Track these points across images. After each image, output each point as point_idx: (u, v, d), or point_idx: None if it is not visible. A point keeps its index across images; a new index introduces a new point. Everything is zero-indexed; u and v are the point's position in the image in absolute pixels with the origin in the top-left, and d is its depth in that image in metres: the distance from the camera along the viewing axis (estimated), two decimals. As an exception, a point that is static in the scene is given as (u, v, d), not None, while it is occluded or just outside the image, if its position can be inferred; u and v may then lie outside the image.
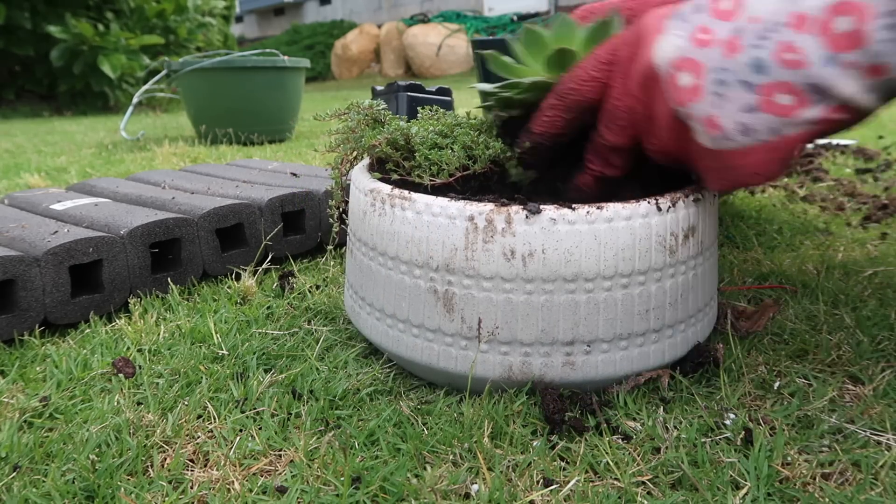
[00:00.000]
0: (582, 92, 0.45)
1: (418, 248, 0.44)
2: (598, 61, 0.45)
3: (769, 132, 0.39)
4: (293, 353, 0.55)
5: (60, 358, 0.55)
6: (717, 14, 0.40)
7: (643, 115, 0.43)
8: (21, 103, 4.41)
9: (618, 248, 0.42)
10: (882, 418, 0.43)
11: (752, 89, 0.38)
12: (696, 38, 0.40)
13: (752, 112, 0.39)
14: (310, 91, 6.11)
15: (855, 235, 0.84)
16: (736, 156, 0.40)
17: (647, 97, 0.42)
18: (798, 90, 0.38)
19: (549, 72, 0.48)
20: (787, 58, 0.37)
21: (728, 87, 0.39)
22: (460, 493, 0.37)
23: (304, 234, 0.81)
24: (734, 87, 0.39)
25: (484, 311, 0.43)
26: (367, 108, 0.54)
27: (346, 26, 9.23)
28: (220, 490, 0.38)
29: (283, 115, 2.24)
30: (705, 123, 0.40)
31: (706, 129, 0.40)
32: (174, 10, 4.63)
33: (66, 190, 0.94)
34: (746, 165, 0.41)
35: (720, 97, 0.39)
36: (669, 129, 0.42)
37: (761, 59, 0.38)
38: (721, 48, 0.39)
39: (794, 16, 0.37)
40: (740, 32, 0.39)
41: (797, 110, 0.38)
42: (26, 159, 1.91)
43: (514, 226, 0.42)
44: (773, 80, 0.38)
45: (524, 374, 0.44)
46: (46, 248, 0.61)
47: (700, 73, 0.39)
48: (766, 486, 0.37)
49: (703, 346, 0.48)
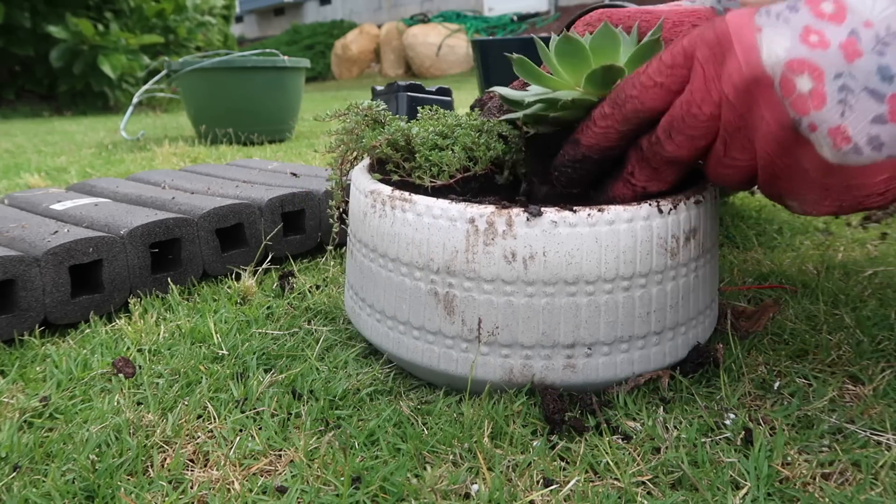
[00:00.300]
0: (644, 100, 0.41)
1: (419, 250, 0.44)
2: (665, 65, 0.40)
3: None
4: (293, 353, 0.55)
5: (60, 358, 0.55)
6: (822, 16, 0.36)
7: (733, 123, 0.39)
8: (21, 103, 4.41)
9: (619, 251, 0.42)
10: (882, 418, 0.43)
11: (881, 99, 0.34)
12: (807, 40, 0.35)
13: (883, 124, 0.35)
14: (310, 91, 6.11)
15: (855, 235, 0.84)
16: (861, 173, 0.36)
17: (746, 103, 0.38)
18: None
19: (589, 87, 0.44)
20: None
21: (854, 95, 0.35)
22: (460, 493, 0.37)
23: (304, 234, 0.81)
24: (861, 95, 0.35)
25: (485, 313, 0.43)
26: (367, 109, 0.54)
27: (346, 26, 9.23)
28: (220, 490, 0.38)
29: (283, 115, 2.24)
30: (832, 135, 0.35)
31: (833, 142, 0.36)
32: (174, 9, 4.63)
33: (66, 190, 0.94)
34: (871, 184, 0.36)
35: (847, 106, 0.35)
36: (774, 141, 0.38)
37: (889, 66, 0.34)
38: (841, 51, 0.35)
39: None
40: (857, 36, 0.35)
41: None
42: (26, 159, 1.91)
43: (515, 228, 0.42)
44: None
45: (525, 376, 0.44)
46: (46, 248, 0.61)
47: (821, 78, 0.35)
48: (766, 486, 0.37)
49: (702, 347, 0.48)
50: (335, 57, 8.37)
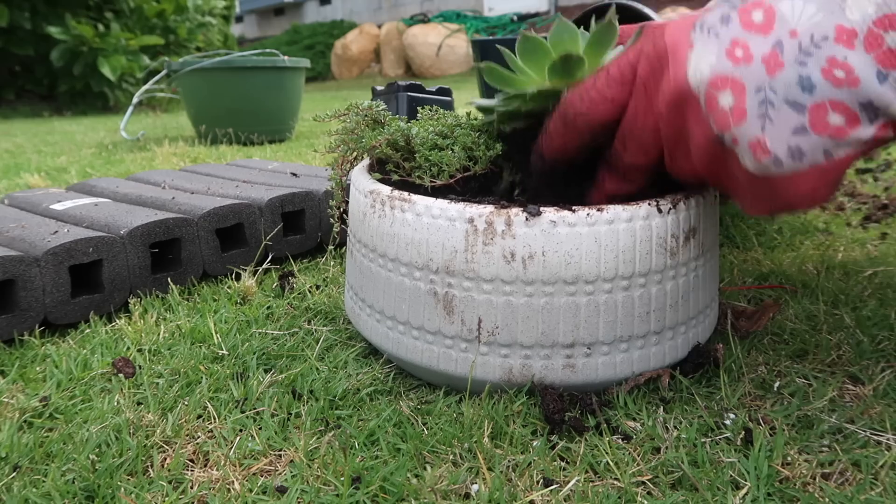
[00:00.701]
0: (593, 116, 0.42)
1: (418, 250, 0.44)
2: (613, 79, 0.41)
3: (821, 154, 0.36)
4: (293, 353, 0.55)
5: (60, 358, 0.55)
6: (751, 27, 0.37)
7: (672, 136, 0.41)
8: (21, 103, 4.41)
9: (618, 251, 0.42)
10: (882, 418, 0.43)
11: (801, 110, 0.36)
12: (732, 55, 0.37)
13: (803, 134, 0.36)
14: (310, 91, 6.11)
15: (855, 235, 0.84)
16: (785, 181, 0.38)
17: (678, 118, 0.40)
18: (849, 109, 0.35)
19: (553, 79, 0.45)
20: (837, 75, 0.35)
21: (775, 108, 0.36)
22: (460, 493, 0.37)
23: (304, 234, 0.81)
24: (782, 107, 0.36)
25: (484, 313, 0.43)
26: (367, 109, 0.54)
27: (346, 26, 9.23)
28: (220, 490, 0.38)
29: (283, 115, 2.24)
30: (752, 148, 0.37)
31: (753, 154, 0.37)
32: (174, 10, 4.63)
33: (66, 190, 0.94)
34: (795, 190, 0.38)
35: (767, 119, 0.36)
36: (705, 153, 0.40)
37: (809, 76, 0.35)
38: (763, 65, 0.36)
39: (842, 30, 0.34)
40: (780, 48, 0.36)
41: (849, 130, 0.36)
42: (26, 159, 1.91)
43: (514, 228, 0.41)
44: (824, 98, 0.35)
45: (524, 376, 0.44)
46: (46, 248, 0.61)
47: (742, 93, 0.37)
48: (766, 486, 0.37)
49: (702, 347, 0.48)
50: (335, 57, 8.37)
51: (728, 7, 0.38)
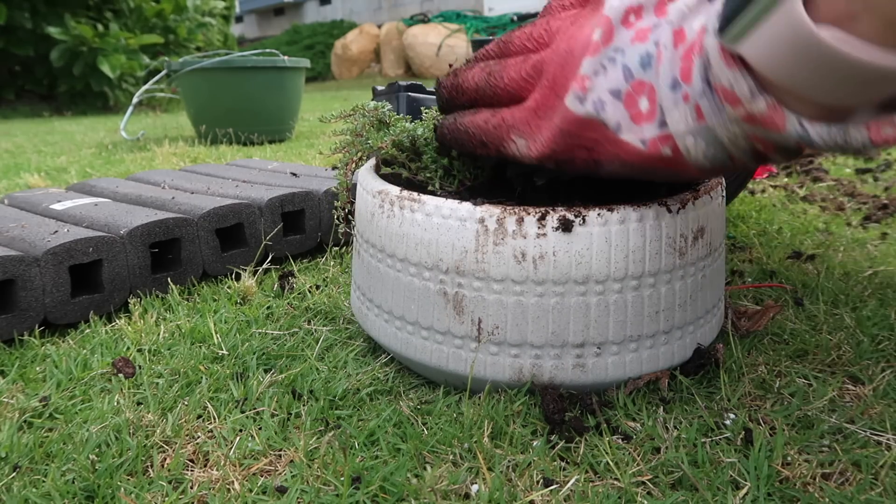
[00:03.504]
0: None
1: (428, 251, 0.44)
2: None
3: (614, 122, 0.37)
4: (293, 353, 0.55)
5: (60, 358, 0.55)
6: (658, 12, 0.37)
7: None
8: (21, 103, 4.41)
9: (629, 250, 0.42)
10: (882, 418, 0.43)
11: (629, 79, 0.36)
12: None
13: (616, 97, 0.37)
14: (310, 91, 6.11)
15: (855, 235, 0.84)
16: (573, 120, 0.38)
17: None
18: (655, 101, 0.36)
19: None
20: (659, 62, 0.35)
21: (614, 65, 0.36)
22: (460, 493, 0.37)
23: (303, 234, 0.81)
24: (617, 68, 0.36)
25: (494, 313, 0.43)
26: (373, 110, 0.54)
27: (346, 26, 9.23)
28: (220, 490, 0.38)
29: (283, 115, 2.24)
30: (577, 80, 0.37)
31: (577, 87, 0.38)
32: (173, 9, 4.63)
33: (66, 190, 0.94)
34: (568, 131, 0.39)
35: (602, 71, 0.37)
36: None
37: (650, 54, 0.35)
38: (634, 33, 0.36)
39: (678, 31, 0.35)
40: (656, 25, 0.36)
41: (644, 120, 0.36)
42: (26, 159, 1.91)
43: (525, 228, 0.41)
44: (646, 79, 0.36)
45: (535, 376, 0.44)
46: (46, 247, 0.61)
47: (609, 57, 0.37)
48: (766, 486, 0.37)
49: (703, 348, 0.48)
50: (335, 57, 8.37)
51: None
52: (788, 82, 0.30)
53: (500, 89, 0.43)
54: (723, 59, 0.32)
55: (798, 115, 0.31)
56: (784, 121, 0.31)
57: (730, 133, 0.35)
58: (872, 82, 0.27)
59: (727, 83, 0.32)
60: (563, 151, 0.40)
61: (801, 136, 0.31)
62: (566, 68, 0.38)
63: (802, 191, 1.10)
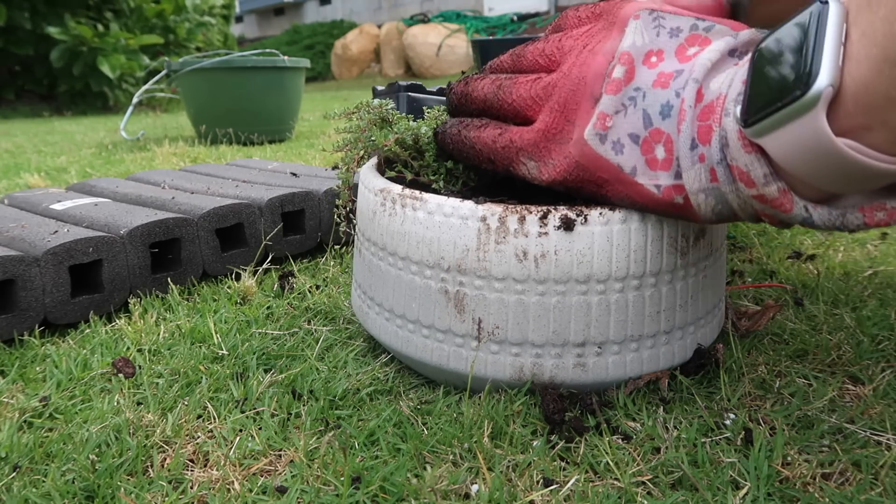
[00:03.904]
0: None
1: (429, 249, 0.44)
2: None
3: (630, 167, 0.39)
4: (293, 353, 0.55)
5: (60, 358, 0.55)
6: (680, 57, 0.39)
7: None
8: (21, 103, 4.42)
9: (630, 250, 0.42)
10: (882, 418, 0.43)
11: (648, 126, 0.38)
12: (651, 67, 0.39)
13: (634, 142, 0.38)
14: (310, 91, 6.11)
15: (855, 235, 0.84)
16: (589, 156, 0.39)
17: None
18: (672, 152, 0.38)
19: None
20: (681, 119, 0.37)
21: (634, 108, 0.38)
22: (460, 493, 0.37)
23: (303, 234, 0.81)
24: (637, 112, 0.38)
25: (495, 312, 0.43)
26: (377, 108, 0.54)
27: (346, 26, 9.23)
28: (220, 490, 0.38)
29: (283, 115, 2.24)
30: (599, 117, 0.39)
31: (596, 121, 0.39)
32: (173, 9, 4.64)
33: (66, 190, 0.94)
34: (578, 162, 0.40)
35: (623, 111, 0.38)
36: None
37: (671, 105, 0.37)
38: (656, 76, 0.38)
39: (700, 90, 0.36)
40: (678, 73, 0.38)
41: (659, 168, 0.38)
42: (26, 159, 1.91)
43: (527, 226, 0.41)
44: (664, 128, 0.38)
45: (535, 375, 0.44)
46: (46, 247, 0.61)
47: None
48: (766, 486, 0.37)
49: (703, 348, 0.48)
50: (335, 57, 8.37)
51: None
52: (804, 176, 0.33)
53: (507, 105, 0.44)
54: (741, 143, 0.34)
55: (805, 199, 0.34)
56: (792, 204, 0.34)
57: (739, 201, 0.37)
58: (875, 179, 0.31)
59: (744, 166, 0.35)
60: (574, 181, 0.41)
61: (805, 219, 0.34)
62: (577, 94, 0.39)
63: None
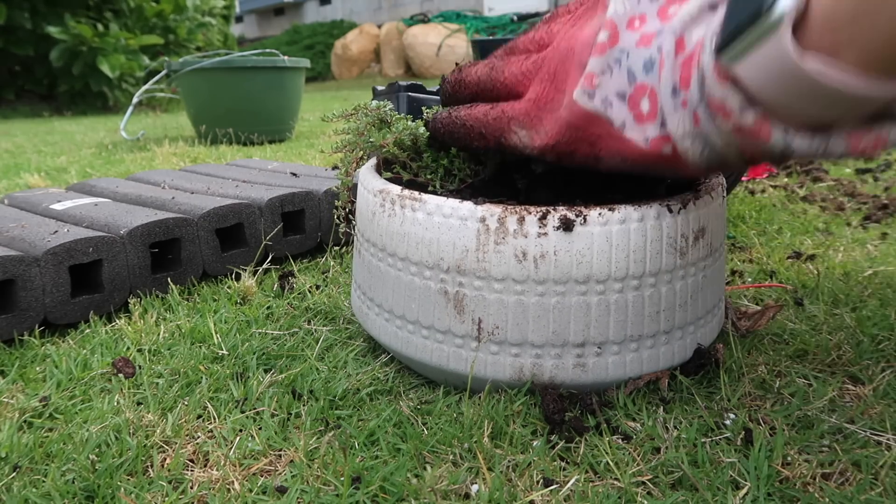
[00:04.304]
0: None
1: (429, 250, 0.44)
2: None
3: (619, 121, 0.38)
4: (293, 353, 0.55)
5: (60, 358, 0.55)
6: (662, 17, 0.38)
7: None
8: (21, 103, 4.42)
9: (629, 250, 0.42)
10: (882, 418, 0.43)
11: (633, 82, 0.38)
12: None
13: (621, 99, 0.38)
14: (310, 91, 6.11)
15: (855, 235, 0.84)
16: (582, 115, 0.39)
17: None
18: (656, 103, 0.37)
19: None
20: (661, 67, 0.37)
21: (619, 68, 0.38)
22: (460, 493, 0.37)
23: (303, 234, 0.81)
24: (622, 71, 0.38)
25: (495, 312, 0.43)
26: (375, 110, 0.54)
27: (346, 26, 9.23)
28: (220, 490, 0.38)
29: (283, 115, 2.24)
30: (586, 77, 0.39)
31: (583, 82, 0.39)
32: (173, 9, 4.63)
33: (66, 190, 0.94)
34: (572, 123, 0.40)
35: (609, 71, 0.38)
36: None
37: (653, 59, 0.37)
38: (639, 37, 0.38)
39: (679, 41, 0.36)
40: (659, 32, 0.37)
41: (646, 120, 0.38)
42: (26, 159, 1.91)
43: (526, 227, 0.41)
44: (647, 82, 0.37)
45: (535, 375, 0.44)
46: (46, 247, 0.61)
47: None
48: (766, 486, 0.37)
49: (703, 348, 0.48)
50: (335, 57, 8.37)
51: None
52: (777, 102, 0.32)
53: (499, 83, 0.45)
54: (716, 75, 0.34)
55: (785, 126, 0.33)
56: (770, 133, 0.33)
57: (723, 140, 0.36)
58: (853, 104, 0.30)
59: (719, 99, 0.34)
60: (566, 143, 0.41)
61: (785, 147, 0.33)
62: (566, 63, 0.40)
63: (802, 191, 1.10)
